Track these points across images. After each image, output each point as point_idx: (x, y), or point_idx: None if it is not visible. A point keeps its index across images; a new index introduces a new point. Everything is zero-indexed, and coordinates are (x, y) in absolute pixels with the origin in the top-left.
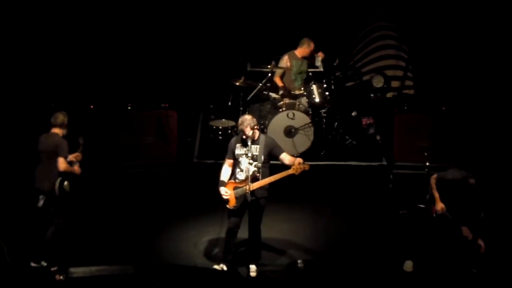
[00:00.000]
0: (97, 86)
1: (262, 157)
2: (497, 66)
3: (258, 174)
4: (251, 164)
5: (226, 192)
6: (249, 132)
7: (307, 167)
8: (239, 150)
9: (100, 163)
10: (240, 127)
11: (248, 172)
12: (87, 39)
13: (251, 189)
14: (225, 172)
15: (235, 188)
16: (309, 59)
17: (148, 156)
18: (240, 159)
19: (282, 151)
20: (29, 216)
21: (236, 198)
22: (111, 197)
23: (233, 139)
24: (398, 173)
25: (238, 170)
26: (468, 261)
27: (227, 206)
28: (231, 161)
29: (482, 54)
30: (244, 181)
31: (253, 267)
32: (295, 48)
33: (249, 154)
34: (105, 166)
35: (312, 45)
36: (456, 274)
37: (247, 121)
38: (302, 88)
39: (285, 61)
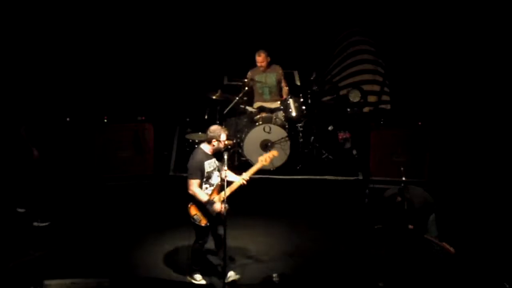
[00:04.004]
0: (73, 99)
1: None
2: (474, 80)
3: (223, 182)
4: (217, 175)
5: (224, 206)
6: (225, 140)
7: (275, 153)
8: (208, 167)
9: (76, 176)
10: (219, 137)
11: (215, 184)
12: (63, 52)
13: (225, 197)
14: (203, 192)
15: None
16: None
17: (124, 169)
18: (212, 175)
19: None
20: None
21: (207, 215)
22: (87, 210)
23: (199, 158)
24: (374, 187)
25: (207, 186)
26: (444, 276)
27: (201, 225)
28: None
29: (459, 69)
30: (210, 195)
31: (232, 273)
32: None
33: (215, 166)
34: (81, 179)
35: (261, 55)
36: None
37: (219, 129)
38: (279, 102)
39: (247, 76)
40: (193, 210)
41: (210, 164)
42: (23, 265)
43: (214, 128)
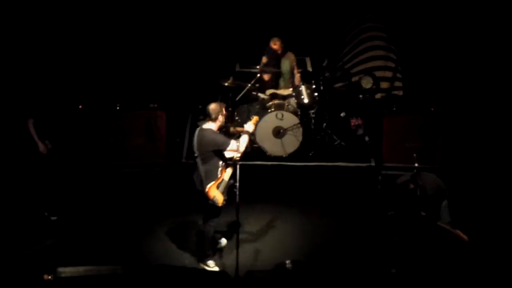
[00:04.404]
0: (86, 87)
1: None
2: (486, 66)
3: (229, 161)
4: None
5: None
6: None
7: (256, 118)
8: None
9: (89, 163)
10: (222, 111)
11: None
12: (76, 40)
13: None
14: (240, 140)
15: (218, 186)
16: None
17: (136, 157)
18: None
19: None
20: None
21: (223, 193)
22: (99, 197)
23: (216, 133)
24: (387, 174)
25: (220, 163)
26: (458, 262)
27: (219, 205)
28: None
29: (471, 55)
30: (220, 176)
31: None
32: None
33: None
34: (94, 167)
35: (276, 43)
36: (444, 275)
37: (218, 104)
38: (291, 89)
39: (263, 61)
40: (212, 192)
41: None
42: (36, 253)
43: (214, 105)
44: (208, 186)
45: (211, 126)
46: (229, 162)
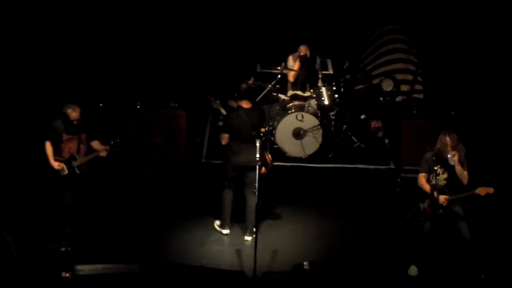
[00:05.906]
0: (107, 85)
1: None
2: (508, 70)
3: None
4: None
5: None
6: None
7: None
8: None
9: (108, 162)
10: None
11: None
12: (97, 37)
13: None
14: None
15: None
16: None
17: (156, 156)
18: None
19: None
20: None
21: None
22: (118, 196)
23: None
24: (406, 177)
25: None
26: (475, 266)
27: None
28: None
29: (493, 59)
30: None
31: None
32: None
33: None
34: (113, 165)
35: (301, 50)
36: (462, 279)
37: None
38: (311, 90)
39: (290, 61)
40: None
41: None
42: (54, 250)
43: (245, 84)
44: (269, 156)
45: (248, 104)
46: None
